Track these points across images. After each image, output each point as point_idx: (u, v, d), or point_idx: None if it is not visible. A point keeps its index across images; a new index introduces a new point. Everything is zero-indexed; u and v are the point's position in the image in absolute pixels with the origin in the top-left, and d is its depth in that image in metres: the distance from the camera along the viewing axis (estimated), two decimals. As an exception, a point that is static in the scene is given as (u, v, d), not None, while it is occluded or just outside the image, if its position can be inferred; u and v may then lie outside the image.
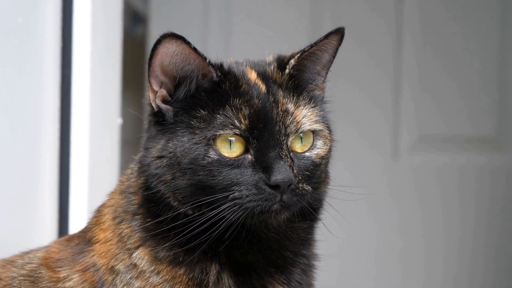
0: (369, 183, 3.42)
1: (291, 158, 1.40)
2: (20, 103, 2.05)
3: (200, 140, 1.40)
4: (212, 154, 1.39)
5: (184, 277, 1.42)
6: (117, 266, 1.45)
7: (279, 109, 1.42)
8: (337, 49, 1.51)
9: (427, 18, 3.51)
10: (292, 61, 1.48)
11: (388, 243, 3.53)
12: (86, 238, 1.51)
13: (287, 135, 1.41)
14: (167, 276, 1.42)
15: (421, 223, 3.54)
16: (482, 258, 3.57)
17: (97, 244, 1.48)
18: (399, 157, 3.53)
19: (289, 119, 1.42)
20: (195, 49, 1.41)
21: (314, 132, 1.46)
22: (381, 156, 3.53)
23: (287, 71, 1.48)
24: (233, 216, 1.37)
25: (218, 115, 1.40)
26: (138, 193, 1.48)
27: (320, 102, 1.52)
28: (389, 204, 3.53)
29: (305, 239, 1.50)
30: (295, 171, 1.40)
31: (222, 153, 1.39)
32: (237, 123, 1.39)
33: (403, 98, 3.51)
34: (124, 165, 2.22)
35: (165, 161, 1.42)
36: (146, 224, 1.44)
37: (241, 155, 1.40)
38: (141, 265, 1.43)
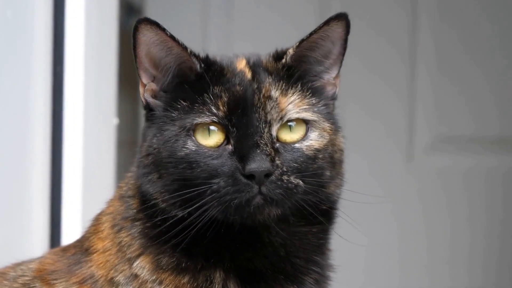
0: (382, 184, 3.42)
1: (272, 147, 1.40)
2: (8, 102, 2.05)
3: (179, 131, 1.42)
4: (190, 145, 1.41)
5: (188, 285, 1.43)
6: (117, 278, 1.45)
7: (261, 95, 1.43)
8: (345, 40, 1.50)
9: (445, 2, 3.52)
10: (290, 51, 1.48)
11: (407, 249, 3.55)
12: (83, 247, 1.51)
13: (268, 123, 1.41)
14: (170, 286, 1.43)
15: (442, 229, 3.55)
16: (509, 265, 3.57)
17: (95, 254, 1.49)
18: (413, 158, 3.54)
19: (271, 105, 1.42)
20: (172, 37, 1.44)
21: (307, 122, 1.45)
22: (395, 156, 3.53)
23: (283, 60, 1.48)
24: (212, 211, 1.38)
25: (197, 104, 1.43)
26: (136, 197, 1.49)
27: (323, 95, 1.51)
28: (404, 208, 3.54)
29: (317, 245, 1.49)
30: (277, 161, 1.39)
31: (201, 143, 1.41)
32: (214, 110, 1.41)
33: (420, 93, 3.51)
34: (120, 168, 2.22)
35: (150, 158, 1.45)
36: (146, 230, 1.46)
37: (221, 145, 1.41)
38: (142, 275, 1.44)
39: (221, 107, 1.41)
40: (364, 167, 3.37)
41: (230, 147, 1.40)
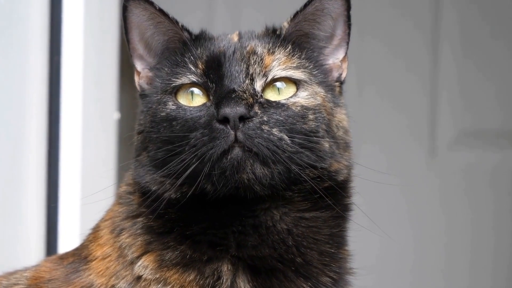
0: (402, 182, 3.39)
1: (252, 96, 1.41)
2: (1, 95, 2.03)
3: (161, 96, 1.47)
4: (170, 105, 1.45)
5: (194, 283, 1.41)
6: (119, 285, 1.44)
7: (245, 51, 1.46)
8: (347, 16, 1.51)
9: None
10: (285, 24, 1.51)
11: (428, 250, 3.52)
12: (81, 255, 1.50)
13: (250, 75, 1.43)
14: (175, 285, 1.41)
15: (466, 230, 3.51)
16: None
17: (94, 262, 1.47)
18: (436, 154, 3.51)
19: (254, 59, 1.45)
20: (161, 11, 1.48)
21: (297, 84, 1.46)
22: (417, 152, 3.50)
23: (278, 32, 1.51)
24: (190, 168, 1.39)
25: (178, 67, 1.48)
26: (136, 192, 1.49)
27: (323, 68, 1.52)
28: (427, 208, 3.51)
29: (329, 234, 1.47)
30: (257, 109, 1.40)
31: (181, 103, 1.44)
32: (193, 68, 1.45)
33: (443, 83, 3.48)
34: (122, 167, 2.21)
35: (140, 137, 1.49)
36: (150, 223, 1.45)
37: (204, 104, 1.43)
38: (145, 275, 1.43)
39: (200, 65, 1.45)
40: (383, 164, 3.34)
41: (209, 103, 1.42)
